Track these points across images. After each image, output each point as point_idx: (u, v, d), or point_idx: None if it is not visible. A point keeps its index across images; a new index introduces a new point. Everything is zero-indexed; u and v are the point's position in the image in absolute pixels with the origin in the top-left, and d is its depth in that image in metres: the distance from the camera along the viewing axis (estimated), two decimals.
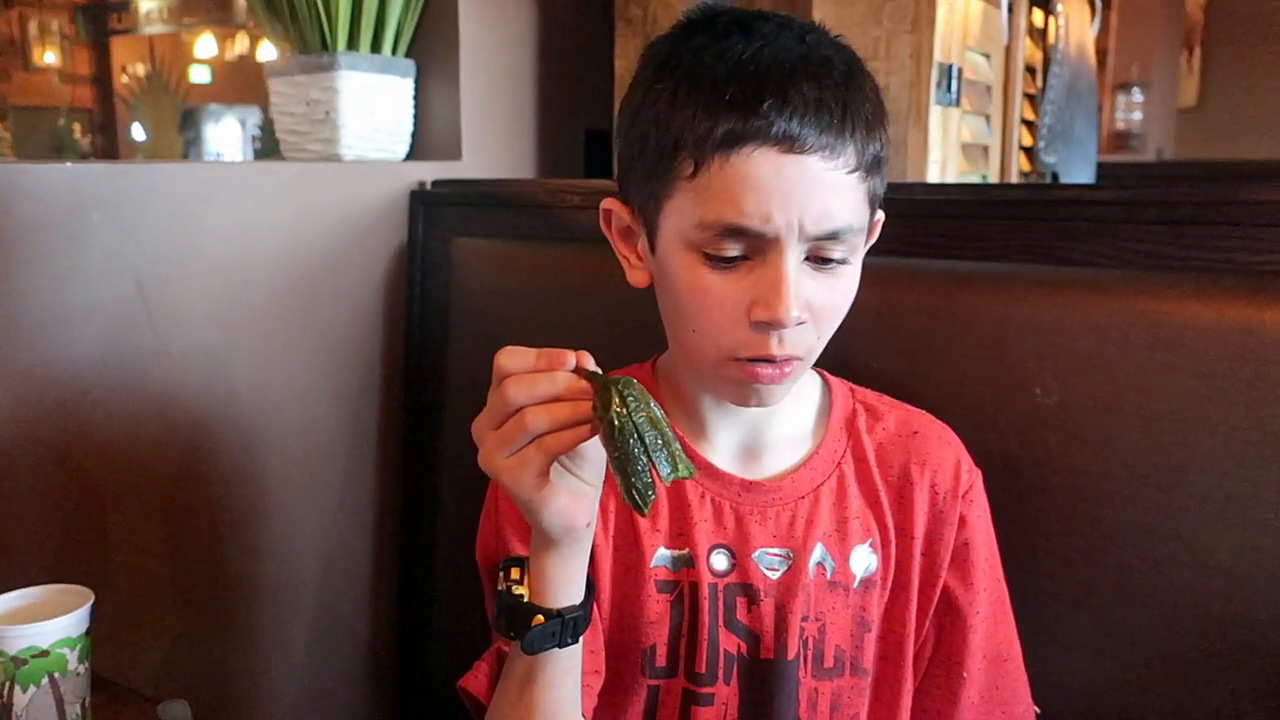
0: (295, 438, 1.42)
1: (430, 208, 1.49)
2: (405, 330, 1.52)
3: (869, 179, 0.80)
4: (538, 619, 0.75)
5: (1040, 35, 1.82)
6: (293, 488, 1.42)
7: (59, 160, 1.13)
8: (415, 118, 1.58)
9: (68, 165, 1.16)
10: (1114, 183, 1.12)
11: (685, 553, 0.90)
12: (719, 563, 0.90)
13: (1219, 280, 0.95)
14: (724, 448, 0.93)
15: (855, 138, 0.78)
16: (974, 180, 1.62)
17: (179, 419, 1.28)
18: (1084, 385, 0.98)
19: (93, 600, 0.94)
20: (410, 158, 1.59)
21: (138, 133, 6.35)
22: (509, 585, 0.78)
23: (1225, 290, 0.94)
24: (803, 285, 0.79)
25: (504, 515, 0.91)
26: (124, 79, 6.81)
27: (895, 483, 0.93)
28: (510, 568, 0.80)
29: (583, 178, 1.76)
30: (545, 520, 0.72)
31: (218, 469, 1.33)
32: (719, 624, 0.89)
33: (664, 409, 0.92)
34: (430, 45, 1.57)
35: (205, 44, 6.65)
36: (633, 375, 0.95)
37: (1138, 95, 4.84)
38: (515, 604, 0.77)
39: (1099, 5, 2.02)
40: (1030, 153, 1.80)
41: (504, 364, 0.70)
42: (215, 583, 1.35)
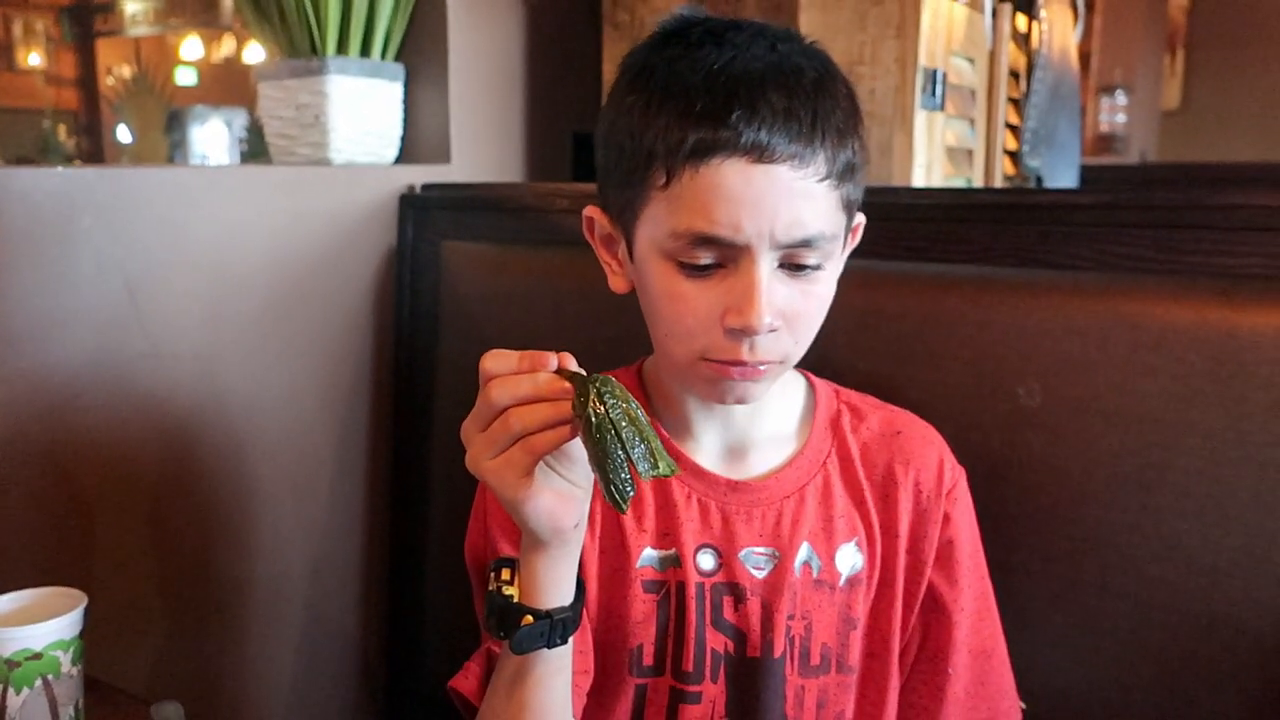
0: (285, 440, 1.42)
1: (419, 211, 1.50)
2: (395, 333, 1.52)
3: (841, 185, 0.81)
4: (527, 619, 0.76)
5: (1024, 40, 1.84)
6: (282, 490, 1.43)
7: (43, 163, 1.14)
8: (404, 122, 1.59)
9: (59, 170, 1.17)
10: (1096, 187, 1.14)
11: (672, 553, 0.91)
12: (705, 562, 0.91)
13: (1198, 283, 0.97)
14: (710, 448, 0.94)
15: (825, 146, 0.79)
16: (958, 184, 1.64)
17: (169, 422, 1.28)
18: (1066, 387, 0.99)
19: (86, 603, 0.95)
20: (399, 161, 1.59)
21: (123, 135, 6.32)
22: (499, 586, 0.80)
23: (1204, 293, 0.96)
24: (776, 292, 0.80)
25: (492, 516, 0.92)
26: (109, 81, 6.77)
27: (880, 482, 0.94)
28: (501, 568, 0.81)
29: (571, 181, 1.76)
30: (532, 521, 0.73)
31: (208, 472, 1.34)
32: (706, 623, 0.90)
33: (650, 410, 0.94)
34: (419, 50, 1.57)
35: (191, 46, 6.62)
36: (620, 378, 0.96)
37: (1121, 98, 4.87)
38: (505, 604, 0.78)
39: (1082, 9, 2.04)
40: (1014, 156, 1.82)
41: (488, 367, 0.71)
42: (206, 584, 1.36)
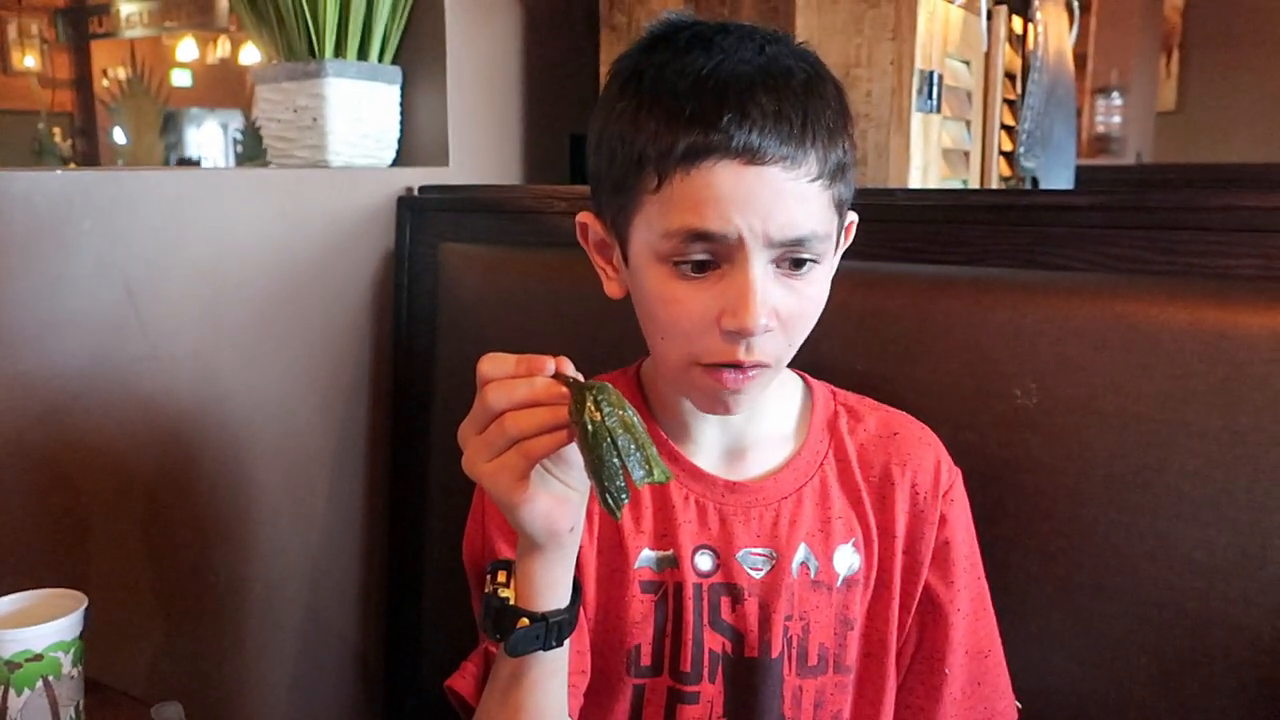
0: (283, 442, 1.42)
1: (417, 213, 1.50)
2: (393, 335, 1.53)
3: (833, 185, 0.81)
4: (523, 622, 0.76)
5: (1019, 42, 1.85)
6: (281, 491, 1.43)
7: (38, 164, 1.14)
8: (402, 124, 1.59)
9: (59, 172, 1.17)
10: (1092, 188, 1.14)
11: (670, 553, 0.91)
12: (703, 563, 0.91)
13: (1193, 284, 0.97)
14: (707, 450, 0.94)
15: (816, 146, 0.79)
16: (955, 185, 1.64)
17: (168, 424, 1.29)
18: (1062, 387, 1.00)
19: (86, 604, 0.95)
20: (397, 164, 1.60)
21: (119, 137, 6.33)
22: (495, 588, 0.80)
23: (1199, 294, 0.96)
24: (771, 293, 0.80)
25: (490, 518, 0.92)
26: (105, 83, 6.77)
27: (876, 483, 0.94)
28: (498, 571, 0.81)
29: (568, 183, 1.77)
30: (527, 523, 0.73)
31: (207, 473, 1.34)
32: (704, 623, 0.91)
33: (647, 412, 0.94)
34: (417, 52, 1.58)
35: (186, 48, 6.61)
36: (617, 380, 0.96)
37: (1117, 99, 4.89)
38: (501, 606, 0.78)
39: (1077, 11, 2.05)
40: (1010, 158, 1.82)
41: (485, 370, 0.71)
42: (205, 586, 1.36)
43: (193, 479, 1.32)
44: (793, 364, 0.90)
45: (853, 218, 0.90)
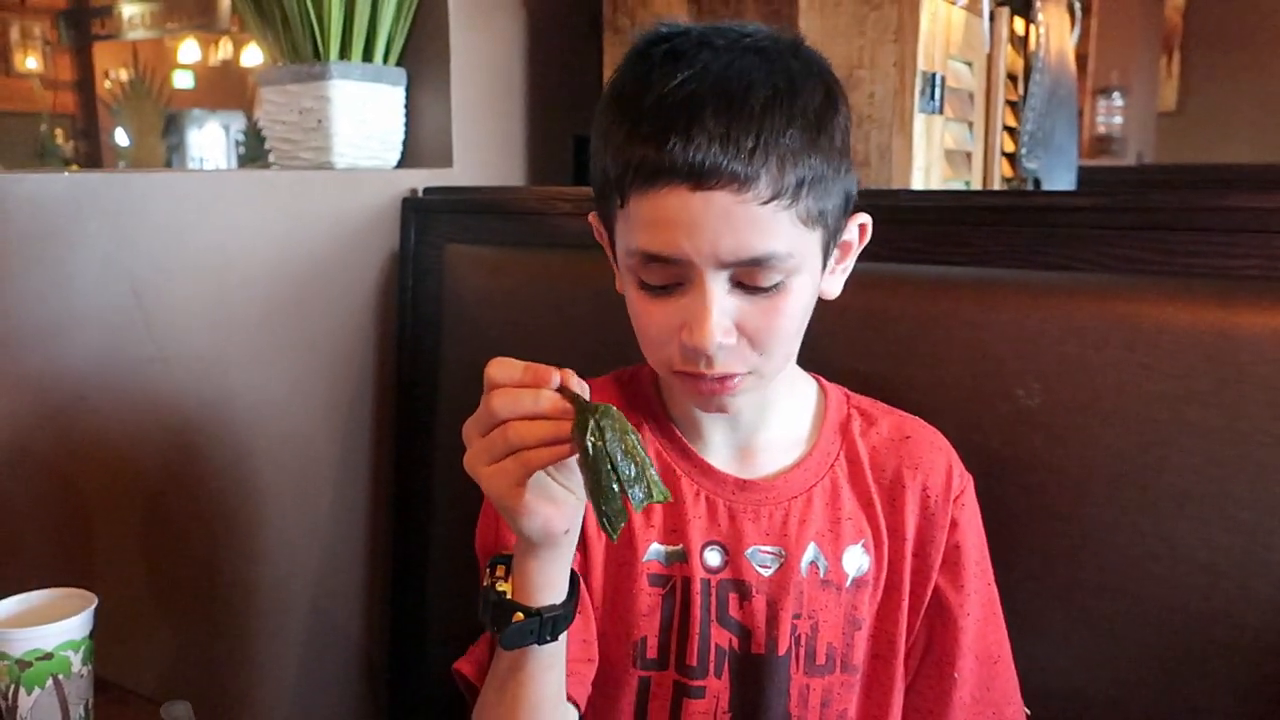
0: (289, 442, 1.43)
1: (422, 215, 1.51)
2: (398, 336, 1.53)
3: (795, 204, 0.78)
4: (518, 616, 0.77)
5: (1021, 43, 1.85)
6: (287, 491, 1.44)
7: (40, 166, 1.15)
8: (406, 125, 1.60)
9: (65, 174, 1.17)
10: (1094, 189, 1.15)
11: (679, 548, 0.92)
12: (712, 559, 0.92)
13: (1194, 284, 0.98)
14: (719, 447, 0.95)
15: (769, 167, 0.76)
16: (957, 186, 1.65)
17: (175, 425, 1.29)
18: (1065, 387, 1.00)
19: (96, 603, 0.96)
20: (401, 165, 1.60)
21: (121, 138, 6.34)
22: (494, 582, 0.81)
23: (1200, 294, 0.97)
24: (731, 309, 0.80)
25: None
26: (107, 84, 6.78)
27: (887, 486, 0.94)
28: (497, 565, 0.82)
29: (572, 184, 1.77)
30: (524, 526, 0.74)
31: (213, 474, 1.34)
32: (711, 619, 0.92)
33: (663, 408, 0.95)
34: (421, 54, 1.58)
35: (188, 49, 6.63)
36: (637, 375, 0.97)
37: (1118, 100, 4.89)
38: (498, 600, 0.79)
39: (1079, 12, 2.05)
40: (1012, 158, 1.83)
41: (493, 375, 0.72)
42: (212, 585, 1.36)
43: (200, 479, 1.33)
44: (804, 366, 0.90)
45: (864, 219, 0.90)
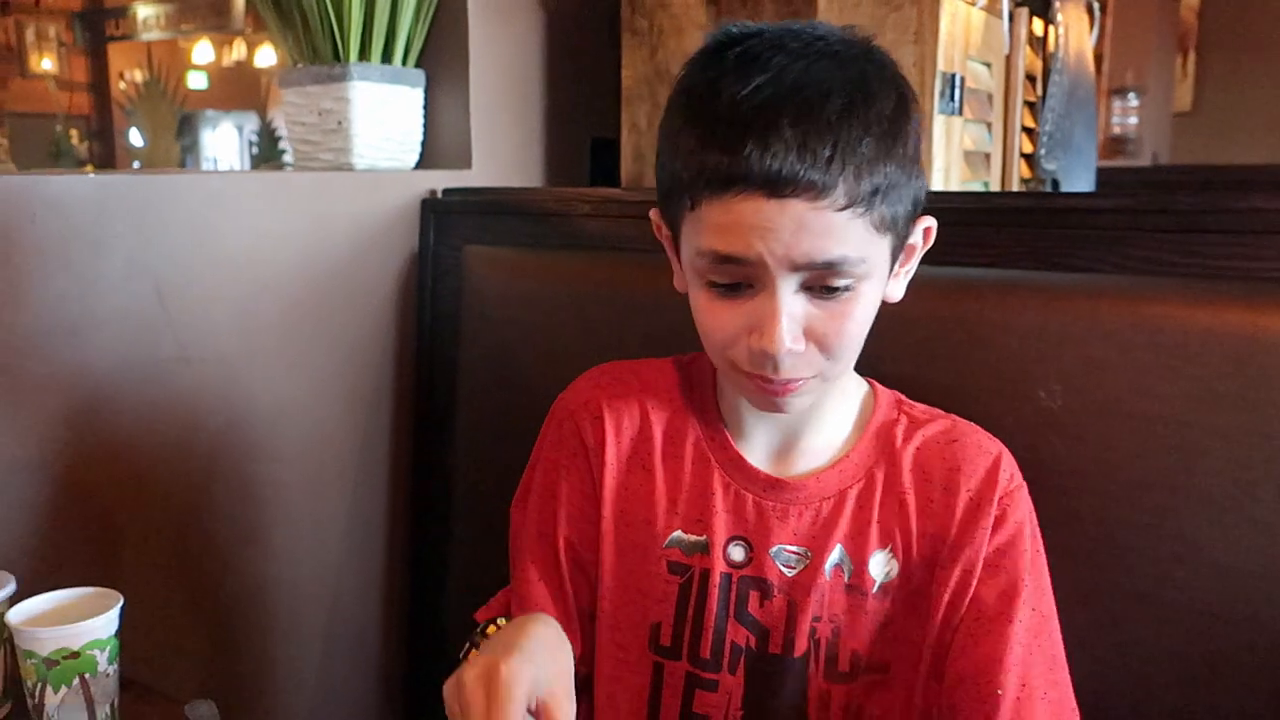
0: (309, 442, 1.44)
1: (441, 216, 1.51)
2: (416, 336, 1.54)
3: (869, 212, 0.78)
4: None
5: (1040, 44, 1.85)
6: (306, 492, 1.44)
7: (55, 167, 1.16)
8: (425, 127, 1.61)
9: (90, 176, 1.18)
10: (1114, 189, 1.14)
11: (703, 539, 0.92)
12: (736, 554, 0.92)
13: (1218, 286, 0.97)
14: (757, 443, 0.95)
15: (845, 177, 0.76)
16: (976, 188, 1.65)
17: (198, 425, 1.30)
18: (1088, 389, 1.00)
19: (121, 603, 0.96)
20: (420, 166, 1.61)
21: (135, 139, 6.36)
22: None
23: (1224, 296, 0.96)
24: (801, 314, 0.80)
25: (529, 528, 0.97)
26: (121, 85, 6.82)
27: (927, 489, 0.91)
28: (488, 625, 0.88)
29: (588, 186, 1.78)
30: None
31: (235, 473, 1.35)
32: (729, 614, 0.91)
33: (714, 394, 0.97)
34: (440, 55, 1.59)
35: (202, 50, 6.66)
36: (696, 362, 0.98)
37: (1133, 100, 4.87)
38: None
39: (1097, 13, 2.04)
40: (1030, 159, 1.82)
41: (451, 707, 0.72)
42: (233, 585, 1.37)
43: (221, 478, 1.34)
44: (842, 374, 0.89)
45: (930, 222, 0.89)
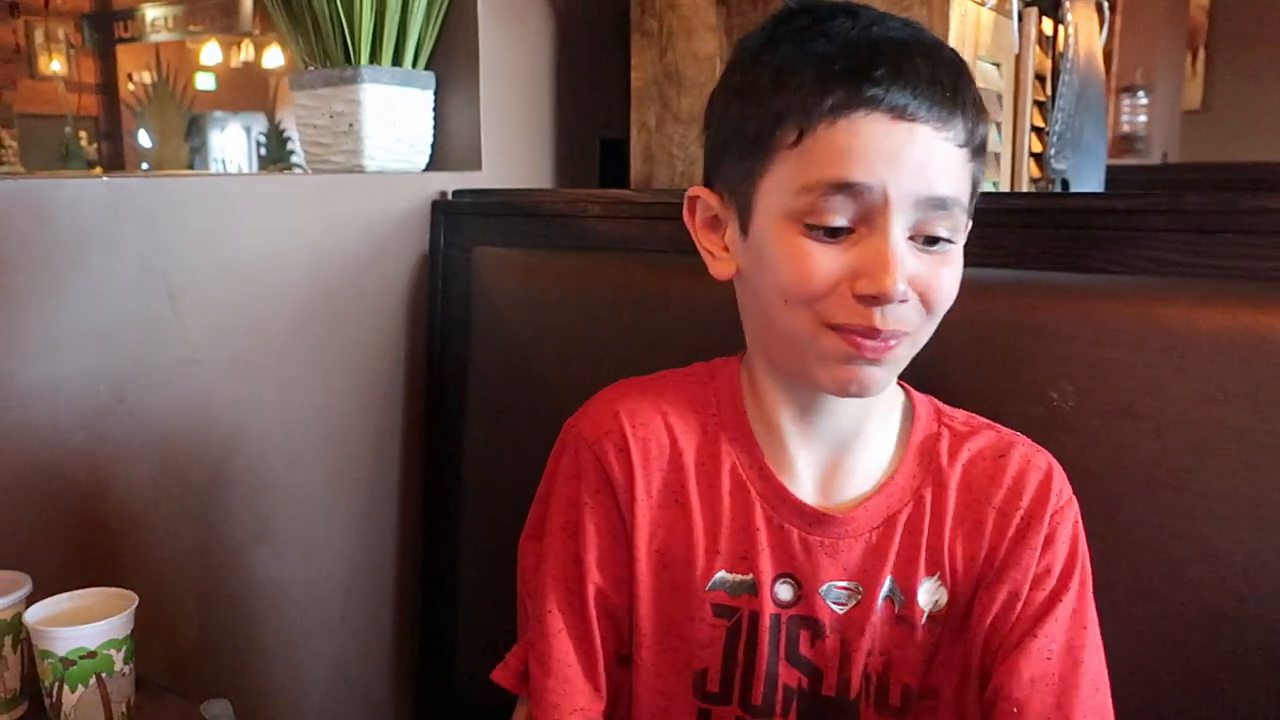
0: (320, 444, 1.44)
1: (451, 217, 1.52)
2: (427, 337, 1.54)
3: (975, 160, 0.81)
4: None
5: (1050, 43, 1.84)
6: (318, 493, 1.45)
7: (64, 168, 1.16)
8: (436, 129, 1.61)
9: (103, 178, 1.19)
10: (1125, 189, 1.14)
11: (749, 578, 0.87)
12: (784, 593, 0.87)
13: (1230, 286, 0.97)
14: (802, 472, 0.89)
15: (966, 115, 0.79)
16: (986, 187, 1.64)
17: (210, 426, 1.30)
18: (1099, 390, 1.00)
19: (136, 603, 0.97)
20: (431, 168, 1.61)
21: (144, 140, 6.38)
22: None
23: (1236, 296, 0.96)
24: (908, 262, 0.78)
25: (548, 569, 0.91)
26: (130, 87, 6.83)
27: (977, 512, 0.87)
28: None
29: (598, 187, 1.78)
30: None
31: (248, 474, 1.36)
32: (780, 656, 0.87)
33: (746, 421, 0.90)
34: (450, 58, 1.59)
35: (210, 52, 6.68)
36: (717, 373, 0.92)
37: (1142, 98, 4.85)
38: None
39: (1107, 12, 2.04)
40: (1040, 159, 1.82)
41: None
42: (246, 586, 1.37)
43: (234, 479, 1.34)
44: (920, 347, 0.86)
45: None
